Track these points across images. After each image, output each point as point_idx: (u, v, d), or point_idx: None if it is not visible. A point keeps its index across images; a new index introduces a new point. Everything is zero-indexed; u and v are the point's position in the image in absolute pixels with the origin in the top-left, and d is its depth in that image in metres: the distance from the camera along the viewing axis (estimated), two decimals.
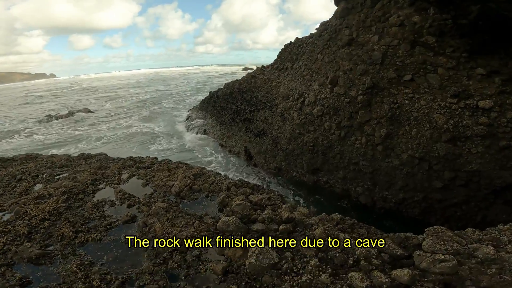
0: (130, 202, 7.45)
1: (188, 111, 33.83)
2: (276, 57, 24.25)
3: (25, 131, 33.40)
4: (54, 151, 22.15)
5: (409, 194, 10.78)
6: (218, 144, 21.69)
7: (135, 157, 11.29)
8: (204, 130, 25.40)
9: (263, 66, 26.28)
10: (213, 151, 20.85)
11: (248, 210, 6.24)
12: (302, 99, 14.70)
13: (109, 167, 10.06)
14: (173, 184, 7.82)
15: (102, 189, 8.41)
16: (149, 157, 11.65)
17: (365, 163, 11.75)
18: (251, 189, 7.54)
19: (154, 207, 6.84)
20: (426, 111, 10.24)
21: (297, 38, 22.37)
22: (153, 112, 39.10)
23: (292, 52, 21.22)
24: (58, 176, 9.57)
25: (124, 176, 9.02)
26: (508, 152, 9.05)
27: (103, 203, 7.56)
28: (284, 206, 6.31)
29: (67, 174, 9.66)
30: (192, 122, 28.43)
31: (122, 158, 11.37)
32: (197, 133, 25.81)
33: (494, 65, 9.39)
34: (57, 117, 39.07)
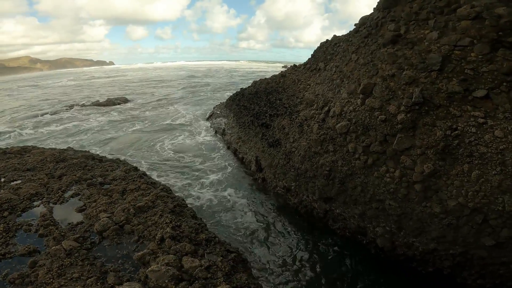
0: (44, 232, 5.58)
1: (214, 107, 32.31)
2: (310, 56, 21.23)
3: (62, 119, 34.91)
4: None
5: (444, 246, 8.06)
6: (232, 149, 19.53)
7: (105, 165, 9.57)
8: (223, 130, 23.46)
9: (294, 65, 23.40)
10: (220, 159, 18.73)
11: (166, 282, 3.97)
12: (327, 108, 11.75)
13: (66, 174, 8.40)
14: (101, 219, 5.75)
15: (35, 207, 6.74)
16: (127, 164, 9.90)
17: (393, 203, 8.68)
18: (196, 245, 5.19)
19: (56, 246, 4.87)
20: (501, 147, 6.81)
21: (334, 35, 19.12)
22: (187, 102, 38.51)
23: (327, 51, 18.07)
24: (13, 182, 8.17)
25: (68, 194, 7.27)
26: None
27: (20, 227, 5.80)
28: None
29: (20, 181, 8.21)
30: (214, 120, 26.73)
31: (99, 163, 9.74)
32: (215, 132, 23.99)
33: None
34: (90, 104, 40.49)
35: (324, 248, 10.38)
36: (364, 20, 12.53)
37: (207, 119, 28.55)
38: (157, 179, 13.56)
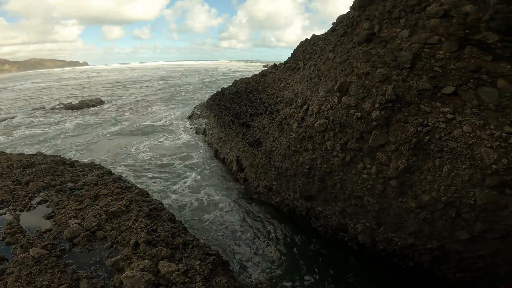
0: (11, 240, 5.25)
1: (194, 108, 31.83)
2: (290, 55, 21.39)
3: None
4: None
5: (421, 241, 8.28)
6: (213, 149, 19.30)
7: (77, 170, 9.14)
8: (204, 131, 23.15)
9: (275, 64, 23.50)
10: (201, 159, 18.46)
11: (142, 287, 3.78)
12: (305, 106, 11.84)
13: (33, 181, 7.94)
14: (70, 225, 5.48)
15: (1, 215, 6.31)
16: (101, 168, 9.50)
17: (371, 199, 8.87)
18: (173, 249, 5.05)
19: (24, 254, 4.58)
20: (470, 141, 7.11)
21: (313, 35, 19.39)
22: (166, 103, 37.64)
23: (306, 50, 18.29)
24: None
25: (35, 201, 6.87)
26: None
27: None
28: None
29: None
30: (194, 121, 26.32)
31: (70, 168, 9.27)
32: (196, 133, 23.62)
33: None
34: (68, 107, 38.74)
35: (306, 247, 10.46)
36: (340, 19, 12.75)
37: (188, 120, 28.08)
38: (134, 183, 13.13)
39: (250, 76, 24.87)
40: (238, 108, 20.35)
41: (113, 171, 11.64)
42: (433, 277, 8.64)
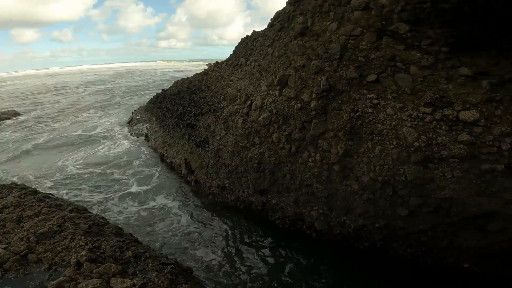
0: None
1: (133, 112, 29.68)
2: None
3: None
4: None
5: (370, 221, 8.90)
6: (158, 154, 18.28)
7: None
8: (146, 136, 21.77)
9: (217, 62, 23.29)
10: (145, 166, 17.38)
11: None
12: (249, 102, 12.00)
13: None
14: None
15: None
16: (25, 187, 8.23)
17: (319, 186, 9.40)
18: (123, 264, 4.70)
19: None
20: (394, 123, 8.05)
21: (254, 31, 19.77)
22: (101, 108, 34.15)
23: (248, 46, 18.55)
24: None
25: None
26: (490, 176, 7.12)
27: None
28: None
29: None
30: (134, 126, 24.55)
31: None
32: (137, 139, 22.06)
33: (482, 65, 7.39)
34: None
35: (265, 241, 10.60)
36: (278, 15, 13.22)
37: (126, 126, 26.05)
38: (67, 199, 11.69)
39: (192, 75, 24.20)
40: (181, 109, 19.65)
41: (39, 190, 10.17)
42: (388, 255, 9.17)
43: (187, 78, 24.32)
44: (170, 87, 25.36)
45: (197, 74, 23.67)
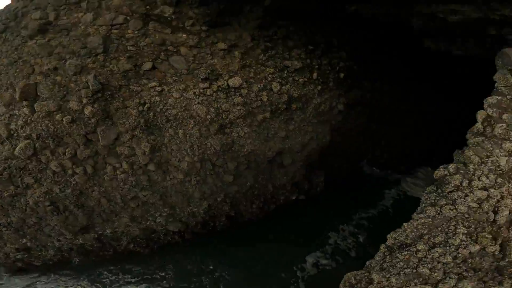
0: None
1: None
2: None
3: None
4: None
5: (212, 199, 8.62)
6: None
7: None
8: None
9: None
10: None
11: None
12: None
13: None
14: None
15: None
16: None
17: (145, 193, 7.94)
18: None
19: None
20: (183, 104, 7.50)
21: None
22: None
23: None
24: None
25: None
26: (266, 124, 8.27)
27: None
28: None
29: None
30: None
31: None
32: None
33: (232, 39, 8.12)
34: None
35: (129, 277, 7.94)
36: None
37: None
38: None
39: None
40: None
41: None
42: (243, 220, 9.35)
43: None
44: None
45: None
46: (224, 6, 8.10)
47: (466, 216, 3.73)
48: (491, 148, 4.12)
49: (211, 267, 8.53)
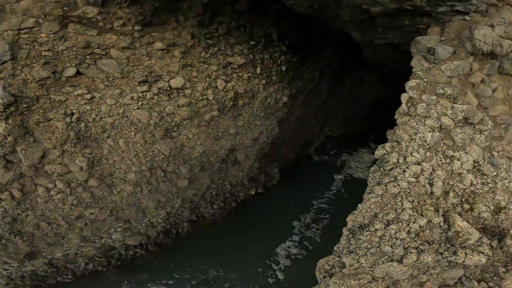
0: None
1: None
2: None
3: None
4: None
5: (169, 207, 8.25)
6: None
7: None
8: None
9: None
10: None
11: None
12: None
13: None
14: None
15: None
16: None
17: (92, 210, 7.31)
18: None
19: None
20: (121, 110, 6.73)
21: None
22: None
23: None
24: None
25: None
26: (214, 122, 8.03)
27: None
28: None
29: None
30: None
31: None
32: None
33: (170, 37, 7.50)
34: None
35: None
36: None
37: None
38: None
39: None
40: None
41: None
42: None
43: None
44: None
45: None
46: (159, 3, 7.51)
47: (408, 191, 3.93)
48: (416, 126, 4.37)
49: (183, 274, 8.25)
